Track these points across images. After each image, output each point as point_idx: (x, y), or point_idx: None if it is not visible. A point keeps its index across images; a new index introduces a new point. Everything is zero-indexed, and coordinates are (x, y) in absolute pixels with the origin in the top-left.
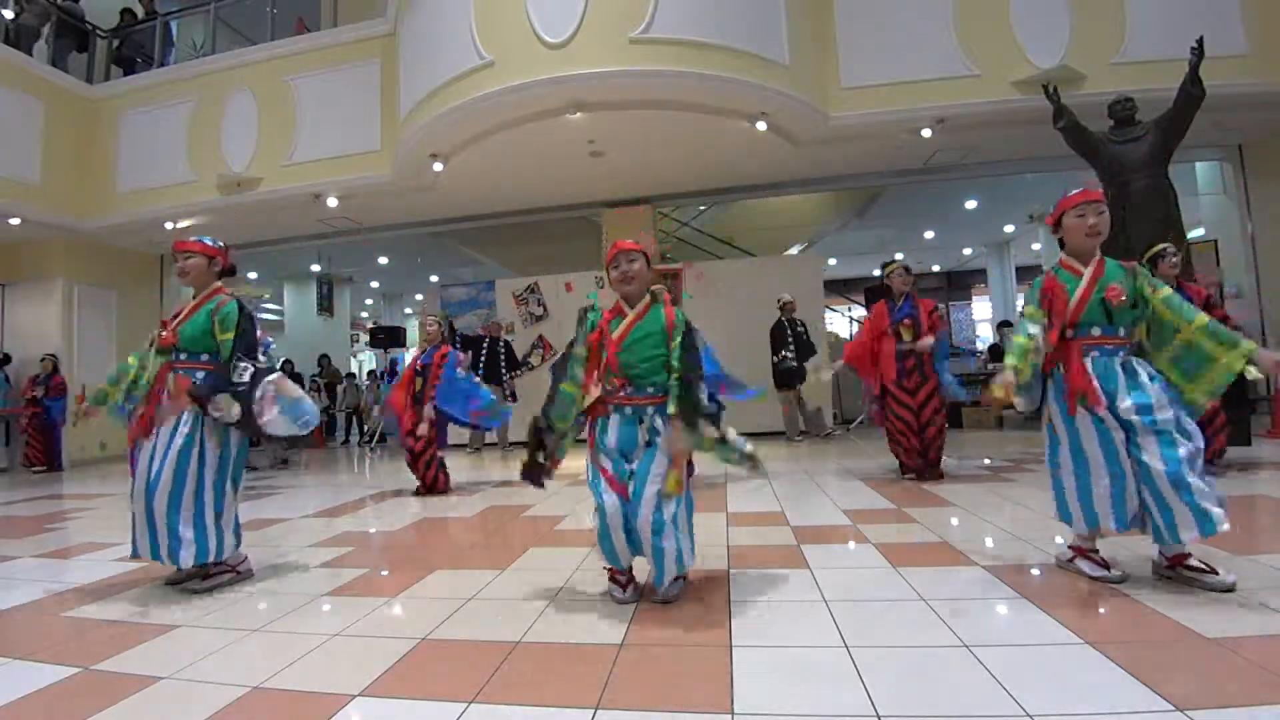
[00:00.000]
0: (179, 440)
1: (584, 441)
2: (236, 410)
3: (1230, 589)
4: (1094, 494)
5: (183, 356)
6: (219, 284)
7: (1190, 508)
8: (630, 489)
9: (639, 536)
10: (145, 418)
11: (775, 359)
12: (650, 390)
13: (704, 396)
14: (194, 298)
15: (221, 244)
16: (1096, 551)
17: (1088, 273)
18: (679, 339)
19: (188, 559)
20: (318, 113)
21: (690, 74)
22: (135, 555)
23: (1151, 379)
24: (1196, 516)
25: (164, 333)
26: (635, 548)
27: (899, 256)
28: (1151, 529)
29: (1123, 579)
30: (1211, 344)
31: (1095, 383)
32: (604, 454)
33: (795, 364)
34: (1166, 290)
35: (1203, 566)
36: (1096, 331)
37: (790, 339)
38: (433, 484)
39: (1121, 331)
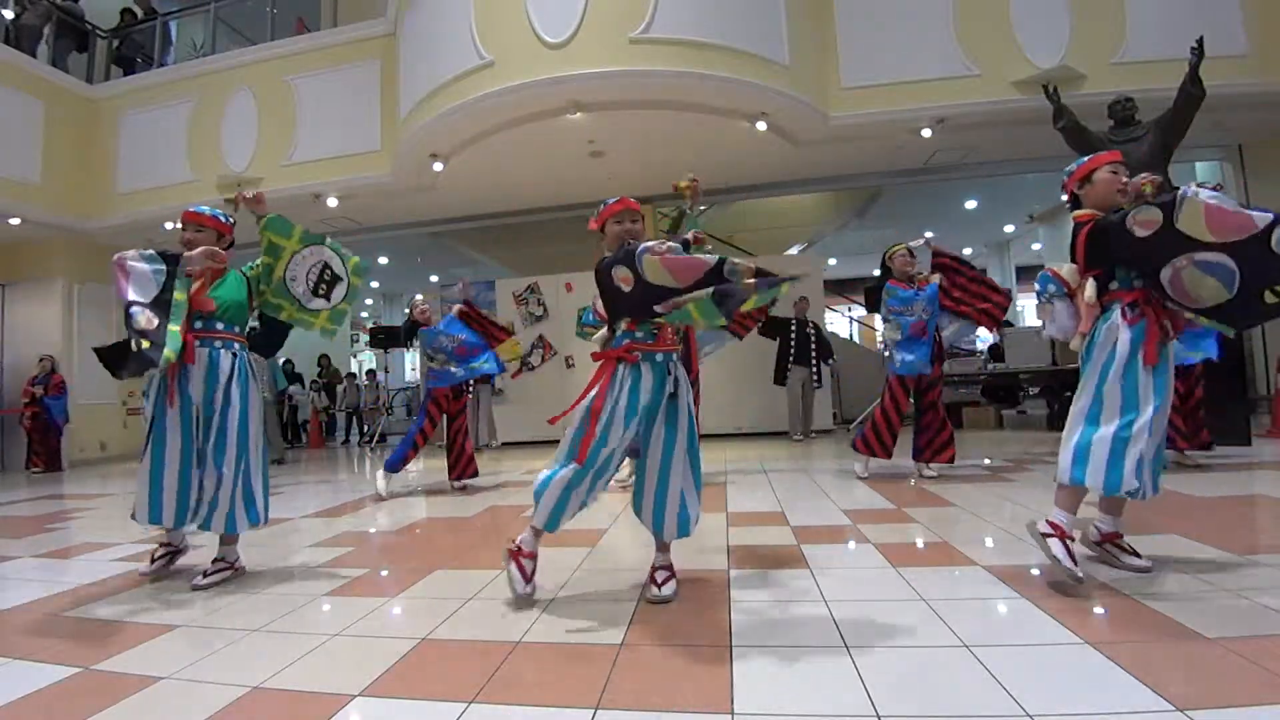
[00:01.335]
0: (235, 407)
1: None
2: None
3: (1079, 581)
4: (1128, 454)
5: (219, 326)
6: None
7: (1154, 469)
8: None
9: (660, 491)
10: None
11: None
12: (671, 337)
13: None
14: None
15: (232, 220)
16: (1073, 539)
17: None
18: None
19: (250, 521)
20: (318, 113)
21: (690, 74)
22: (155, 521)
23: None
24: (1155, 477)
25: (207, 300)
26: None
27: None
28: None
29: (1081, 580)
30: None
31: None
32: (624, 414)
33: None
34: None
35: (1130, 548)
36: (1138, 283)
37: (792, 335)
38: (468, 467)
39: None
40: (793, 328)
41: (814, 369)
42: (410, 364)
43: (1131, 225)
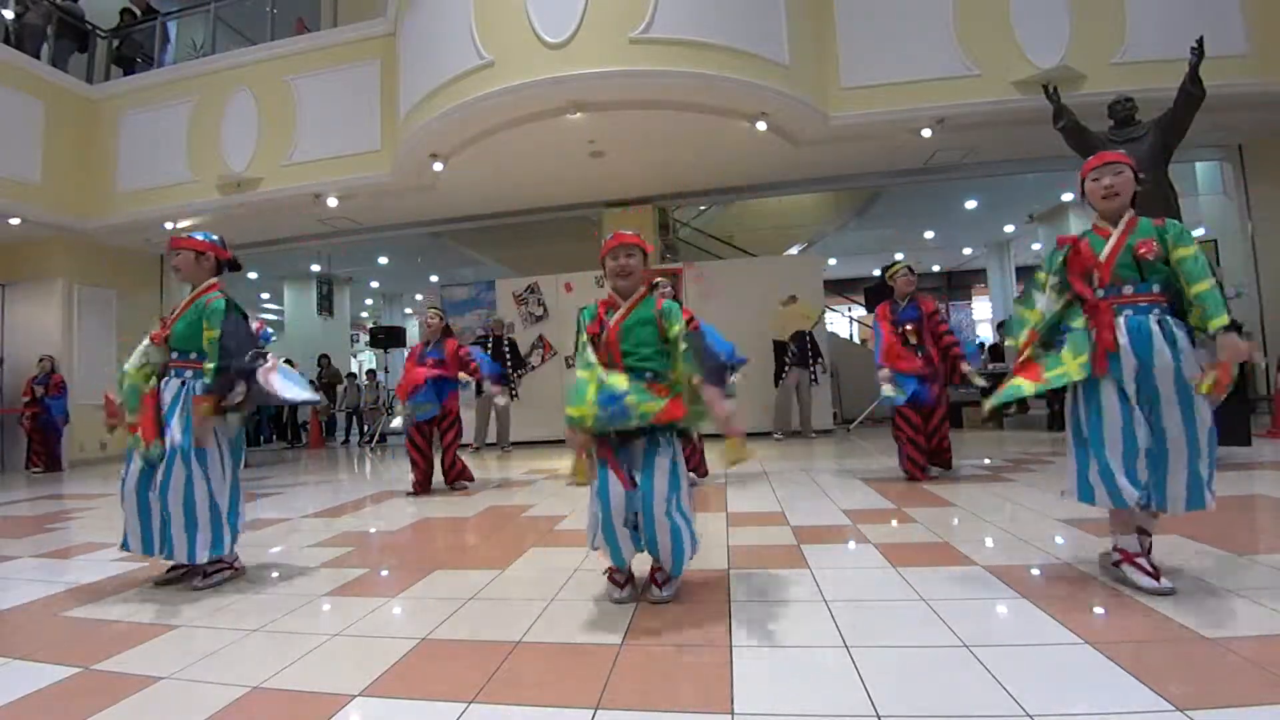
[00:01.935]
0: (178, 435)
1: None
2: (240, 389)
3: (1169, 593)
4: (1113, 467)
5: (174, 355)
6: (215, 280)
7: (1188, 483)
8: (637, 481)
9: (649, 531)
10: (148, 421)
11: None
12: (648, 377)
13: (715, 354)
14: (190, 293)
15: (215, 238)
16: (1145, 555)
17: (1117, 230)
18: (677, 325)
19: (203, 554)
20: (318, 113)
21: (690, 74)
22: (125, 548)
23: (1192, 344)
24: (1191, 492)
25: (157, 330)
26: (637, 544)
27: (899, 257)
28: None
29: (1173, 591)
30: (1197, 311)
31: (1125, 342)
32: (609, 444)
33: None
34: (1186, 251)
35: (1149, 569)
36: (1129, 290)
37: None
38: (460, 474)
39: (1155, 288)
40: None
41: (812, 370)
42: None
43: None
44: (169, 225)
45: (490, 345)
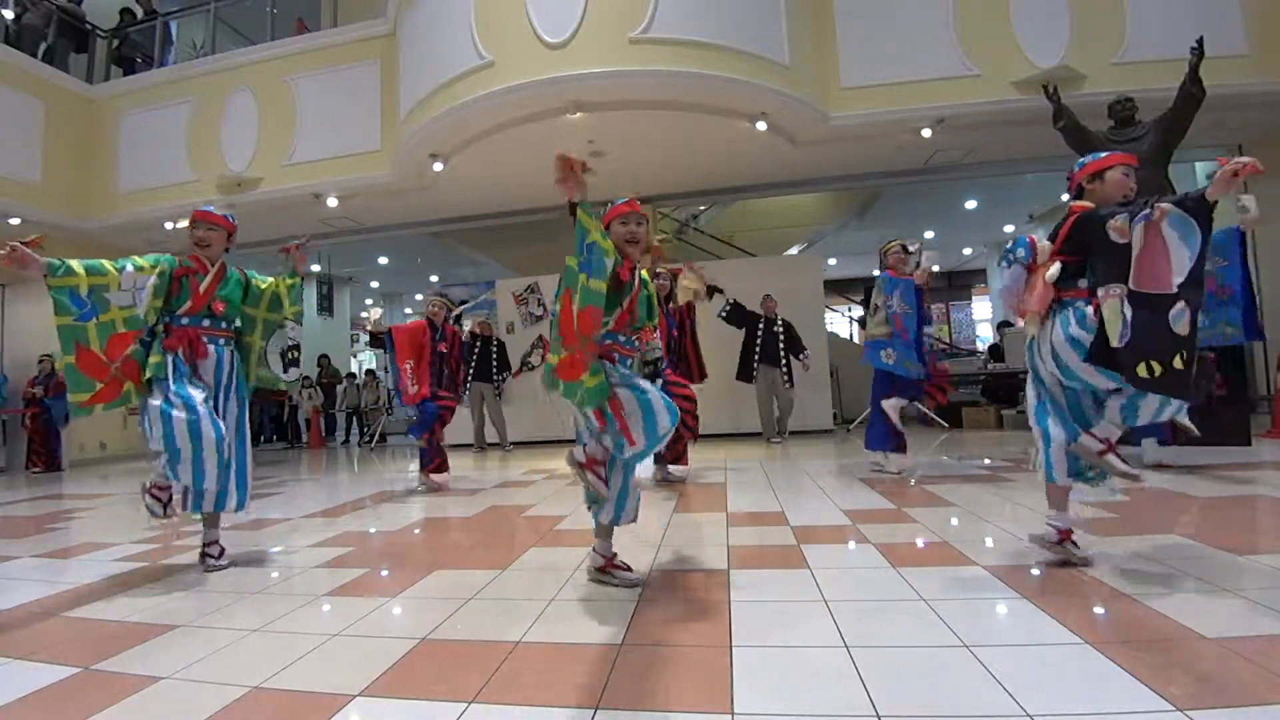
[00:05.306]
0: (235, 395)
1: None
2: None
3: (1087, 563)
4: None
5: (224, 325)
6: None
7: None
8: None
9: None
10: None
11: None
12: (634, 342)
13: None
14: (211, 267)
15: (234, 219)
16: (1071, 534)
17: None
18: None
19: (245, 503)
20: (318, 113)
21: (690, 74)
22: (199, 510)
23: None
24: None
25: (214, 301)
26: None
27: (912, 249)
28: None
29: (1088, 562)
30: None
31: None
32: (635, 389)
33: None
34: None
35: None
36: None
37: (759, 334)
38: (440, 466)
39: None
40: (760, 326)
41: (784, 369)
42: None
43: (1110, 228)
44: (169, 225)
45: (479, 346)
